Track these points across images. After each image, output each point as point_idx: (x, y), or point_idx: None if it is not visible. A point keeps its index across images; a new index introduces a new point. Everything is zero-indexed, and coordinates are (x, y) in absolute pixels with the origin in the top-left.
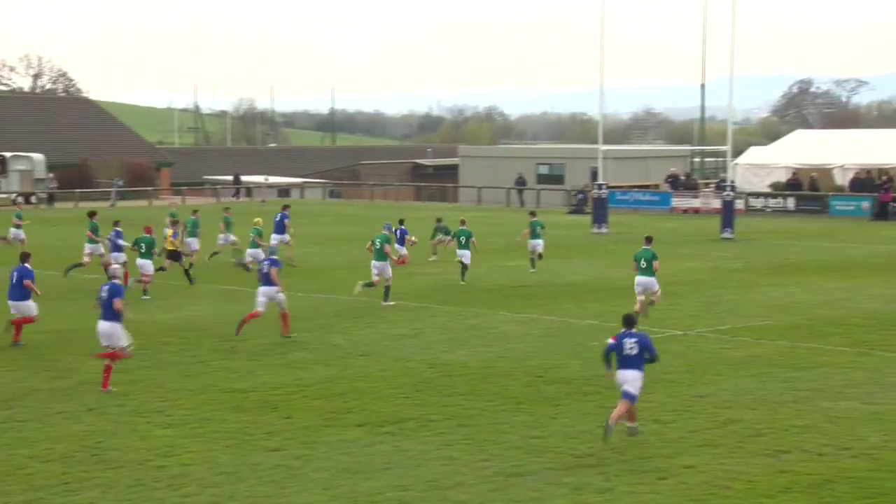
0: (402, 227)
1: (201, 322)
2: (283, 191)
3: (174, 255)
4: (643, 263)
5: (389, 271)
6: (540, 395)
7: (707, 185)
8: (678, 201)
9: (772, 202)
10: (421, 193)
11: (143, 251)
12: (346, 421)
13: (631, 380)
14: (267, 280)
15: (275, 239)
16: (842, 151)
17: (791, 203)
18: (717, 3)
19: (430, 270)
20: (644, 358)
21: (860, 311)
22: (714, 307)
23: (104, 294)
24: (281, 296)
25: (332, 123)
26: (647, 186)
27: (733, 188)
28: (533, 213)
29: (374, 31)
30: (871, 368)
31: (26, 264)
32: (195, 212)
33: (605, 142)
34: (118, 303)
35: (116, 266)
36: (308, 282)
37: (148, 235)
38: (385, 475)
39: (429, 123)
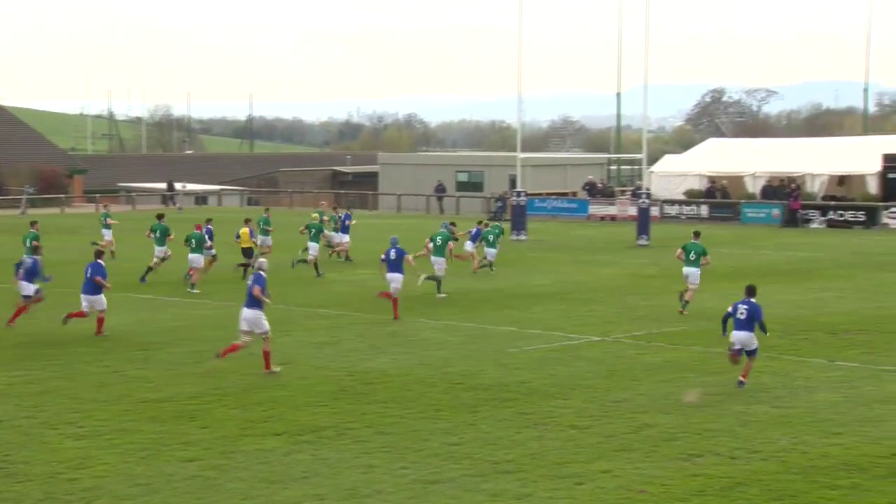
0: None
1: (117, 331)
2: (201, 198)
3: (247, 253)
4: (692, 256)
5: (445, 267)
6: (458, 402)
7: (623, 192)
8: (595, 208)
9: (686, 209)
10: (340, 201)
11: (193, 246)
12: (263, 430)
13: (742, 339)
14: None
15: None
16: (753, 160)
17: (705, 210)
18: (632, 14)
19: (349, 278)
20: (753, 323)
21: (770, 316)
22: (631, 313)
23: (249, 282)
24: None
25: (249, 130)
26: (564, 194)
27: (649, 196)
28: (484, 223)
29: (293, 37)
30: (780, 373)
31: (99, 261)
32: (267, 210)
33: (524, 149)
34: (257, 290)
35: (263, 260)
36: (225, 290)
37: (197, 232)
38: (303, 484)
39: (348, 131)
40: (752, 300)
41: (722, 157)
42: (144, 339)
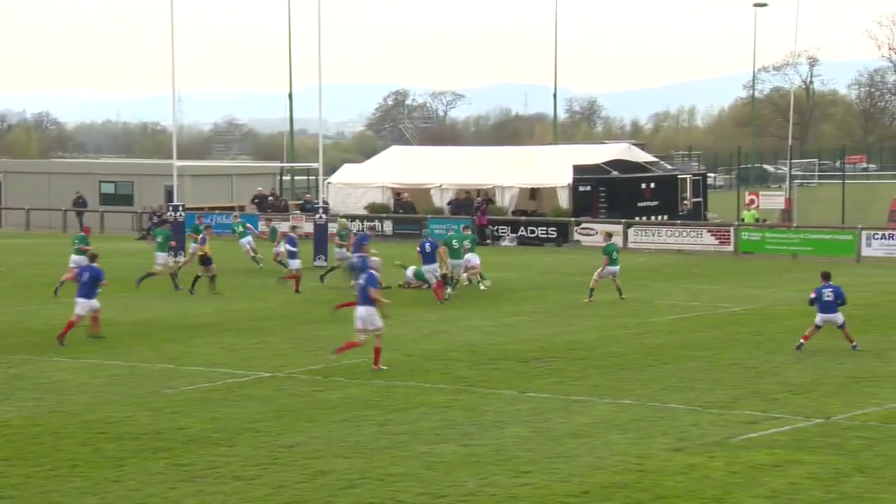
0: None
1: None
2: None
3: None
4: (455, 244)
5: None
6: (100, 455)
7: (298, 206)
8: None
9: (368, 225)
10: None
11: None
12: None
13: (831, 318)
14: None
15: None
16: (440, 170)
17: (388, 226)
18: (302, 7)
19: None
20: (838, 303)
21: (459, 344)
22: (306, 344)
23: (362, 281)
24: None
25: None
26: (231, 208)
27: (326, 210)
28: (467, 227)
29: None
30: (469, 407)
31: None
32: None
33: (183, 156)
34: (373, 292)
35: (377, 259)
36: None
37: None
38: None
39: None
40: (832, 283)
41: (407, 166)
42: None
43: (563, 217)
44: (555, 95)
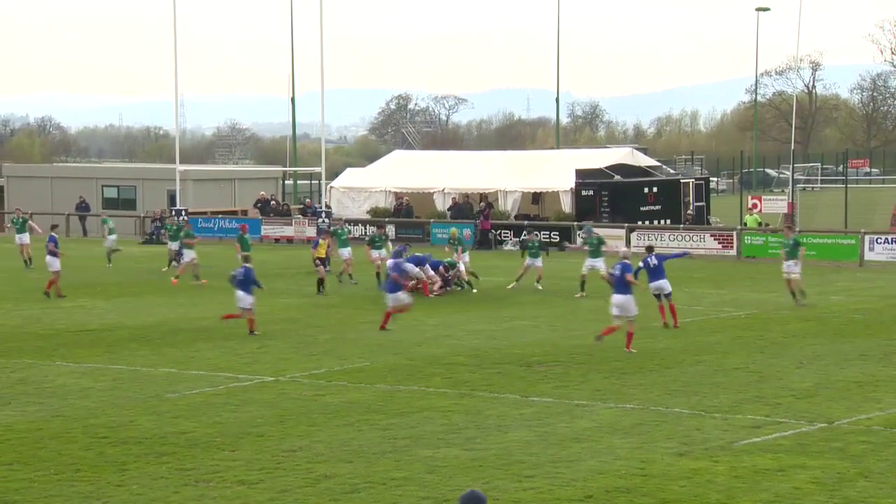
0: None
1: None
2: None
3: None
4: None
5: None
6: (103, 460)
7: (299, 210)
8: (269, 229)
9: (371, 229)
10: None
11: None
12: None
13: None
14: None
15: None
16: (442, 174)
17: (391, 230)
18: (305, 12)
19: None
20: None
21: (462, 348)
22: (309, 348)
23: (616, 272)
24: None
25: None
26: (234, 212)
27: (329, 214)
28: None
29: None
30: (473, 411)
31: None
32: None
33: (185, 161)
34: (629, 277)
35: (626, 248)
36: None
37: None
38: None
39: None
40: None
41: (409, 170)
42: None
43: (566, 221)
44: (557, 100)
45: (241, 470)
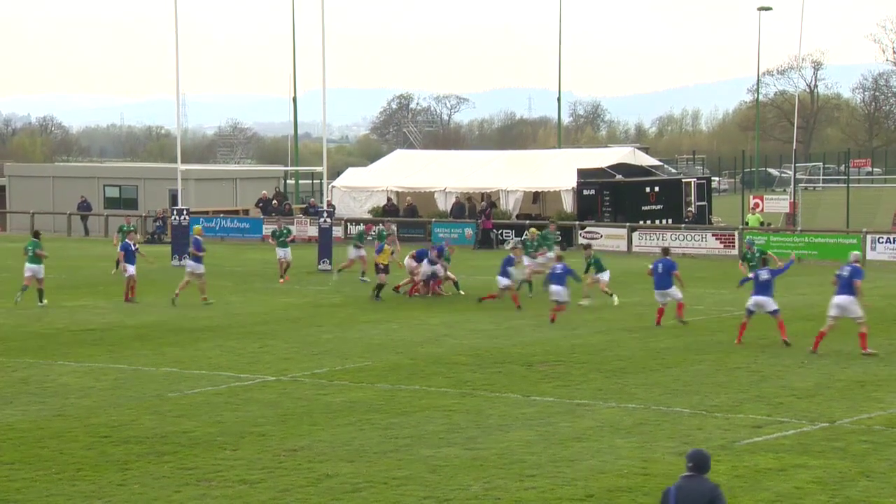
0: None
1: None
2: None
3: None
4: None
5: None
6: (105, 459)
7: (299, 210)
8: (270, 229)
9: (375, 229)
10: None
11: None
12: None
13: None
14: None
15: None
16: (444, 174)
17: (393, 229)
18: (307, 11)
19: None
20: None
21: (463, 347)
22: (310, 348)
23: (845, 273)
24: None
25: None
26: (235, 212)
27: (331, 214)
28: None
29: None
30: (474, 410)
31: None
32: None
33: (187, 160)
34: (858, 283)
35: (857, 252)
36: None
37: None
38: None
39: None
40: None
41: (410, 170)
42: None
43: (568, 221)
44: (559, 99)
45: (242, 469)
